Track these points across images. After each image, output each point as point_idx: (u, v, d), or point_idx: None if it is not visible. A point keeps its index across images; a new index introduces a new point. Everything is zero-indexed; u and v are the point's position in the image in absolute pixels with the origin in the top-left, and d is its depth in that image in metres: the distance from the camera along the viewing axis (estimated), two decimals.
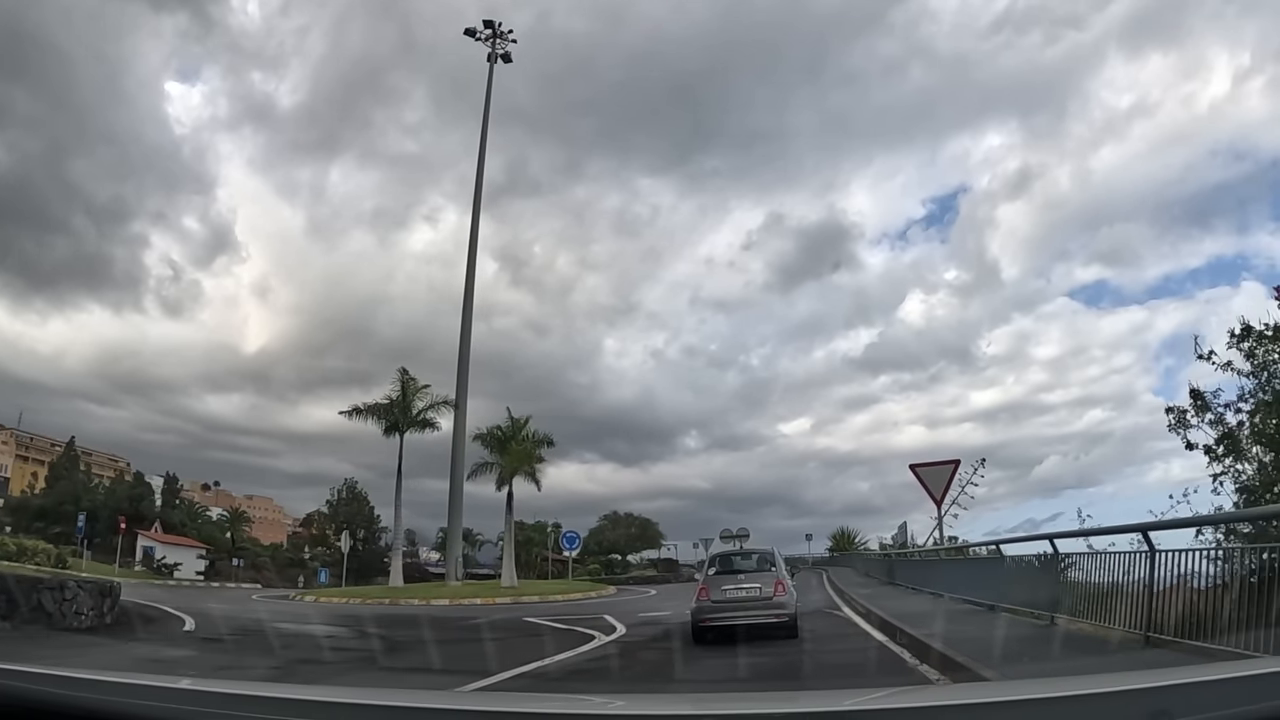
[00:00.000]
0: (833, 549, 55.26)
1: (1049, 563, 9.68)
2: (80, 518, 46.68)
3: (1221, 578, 6.78)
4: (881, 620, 11.89)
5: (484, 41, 40.42)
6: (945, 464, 17.23)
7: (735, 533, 43.56)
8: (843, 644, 10.91)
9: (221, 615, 16.69)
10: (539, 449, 36.05)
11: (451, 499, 33.20)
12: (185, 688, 1.75)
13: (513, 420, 36.06)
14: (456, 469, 32.61)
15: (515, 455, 31.83)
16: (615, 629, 13.84)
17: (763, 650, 9.36)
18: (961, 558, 16.30)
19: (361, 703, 1.73)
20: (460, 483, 32.84)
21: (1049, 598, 9.43)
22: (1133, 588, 7.62)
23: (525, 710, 1.72)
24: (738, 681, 7.71)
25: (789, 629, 10.57)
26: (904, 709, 1.55)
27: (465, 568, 63.24)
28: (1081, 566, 9.05)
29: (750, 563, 12.31)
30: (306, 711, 1.59)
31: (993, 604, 11.21)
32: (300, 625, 15.91)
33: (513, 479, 31.63)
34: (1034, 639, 8.42)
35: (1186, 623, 6.47)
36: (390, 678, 8.77)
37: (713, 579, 11.51)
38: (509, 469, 31.44)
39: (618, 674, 8.65)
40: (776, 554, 12.92)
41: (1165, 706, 1.22)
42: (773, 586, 10.84)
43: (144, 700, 1.59)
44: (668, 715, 1.74)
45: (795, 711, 1.54)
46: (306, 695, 1.76)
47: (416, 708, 1.65)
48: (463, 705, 1.93)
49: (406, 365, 35.71)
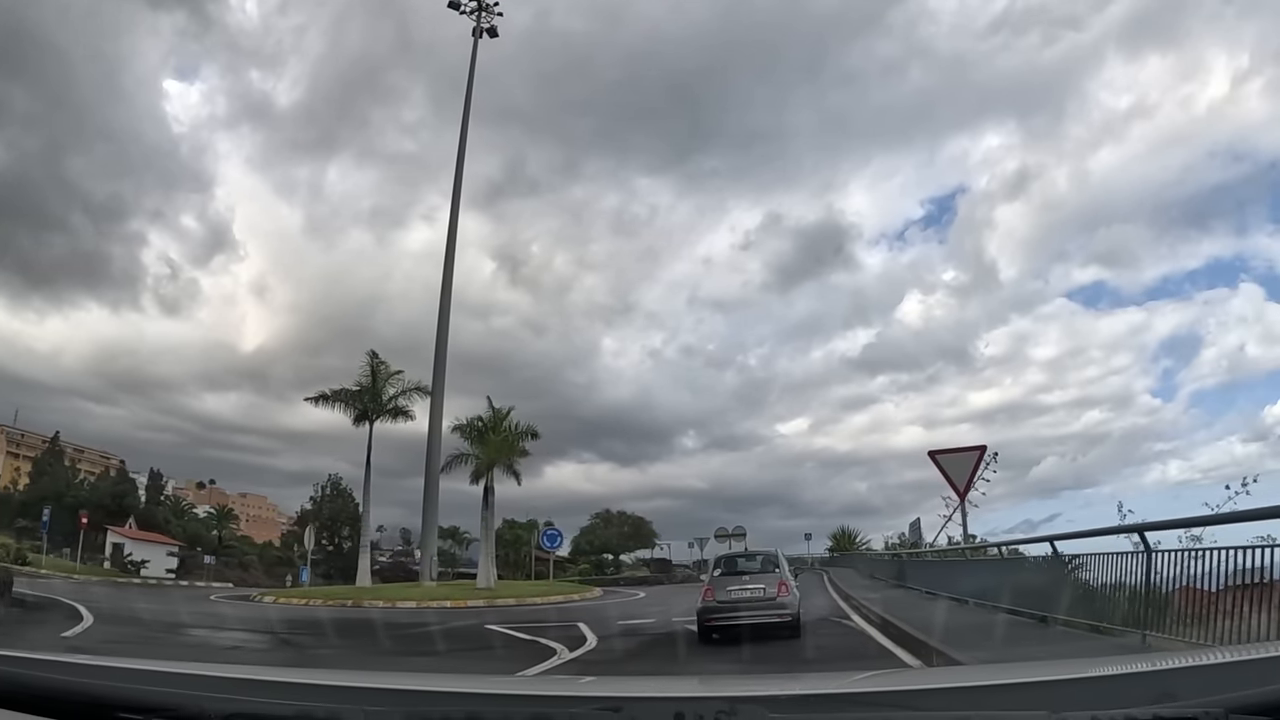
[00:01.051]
0: (833, 549, 53.12)
1: (1131, 563, 7.46)
2: (44, 512, 44.65)
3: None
4: (903, 634, 9.71)
5: (469, 15, 38.26)
6: (969, 450, 15.00)
7: (731, 531, 41.49)
8: (862, 667, 8.72)
9: (132, 615, 14.54)
10: (521, 441, 33.83)
11: (427, 492, 30.94)
12: (191, 673, 1.66)
13: (494, 410, 33.81)
14: (432, 460, 30.31)
15: (493, 446, 29.51)
16: (585, 640, 11.77)
17: (767, 664, 8.82)
18: (990, 558, 14.13)
19: (385, 688, 1.69)
20: (435, 475, 30.54)
21: (1130, 611, 7.33)
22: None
23: (516, 693, 1.73)
24: None
25: (792, 629, 10.90)
26: (907, 690, 1.56)
27: (452, 567, 61.73)
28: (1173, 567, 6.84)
29: (755, 564, 12.55)
30: (305, 695, 1.54)
31: (1044, 615, 9.07)
32: (213, 630, 13.73)
33: (490, 472, 29.23)
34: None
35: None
36: None
37: (718, 580, 11.87)
38: (486, 461, 29.08)
39: None
40: (780, 556, 13.35)
41: (1170, 689, 1.21)
42: (776, 587, 11.17)
43: (147, 685, 1.52)
44: (666, 698, 1.65)
45: (796, 694, 1.56)
46: (311, 679, 1.73)
47: (420, 691, 1.69)
48: (460, 688, 1.79)
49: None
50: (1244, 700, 1.12)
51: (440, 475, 30.49)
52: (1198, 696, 1.15)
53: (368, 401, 30.75)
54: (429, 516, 31.19)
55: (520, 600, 24.43)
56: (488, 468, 29.11)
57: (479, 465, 29.19)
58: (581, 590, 29.17)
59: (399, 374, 31.48)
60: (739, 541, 40.46)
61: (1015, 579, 10.74)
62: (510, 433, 32.73)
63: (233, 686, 1.49)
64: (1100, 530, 8.75)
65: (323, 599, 25.66)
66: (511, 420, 34.35)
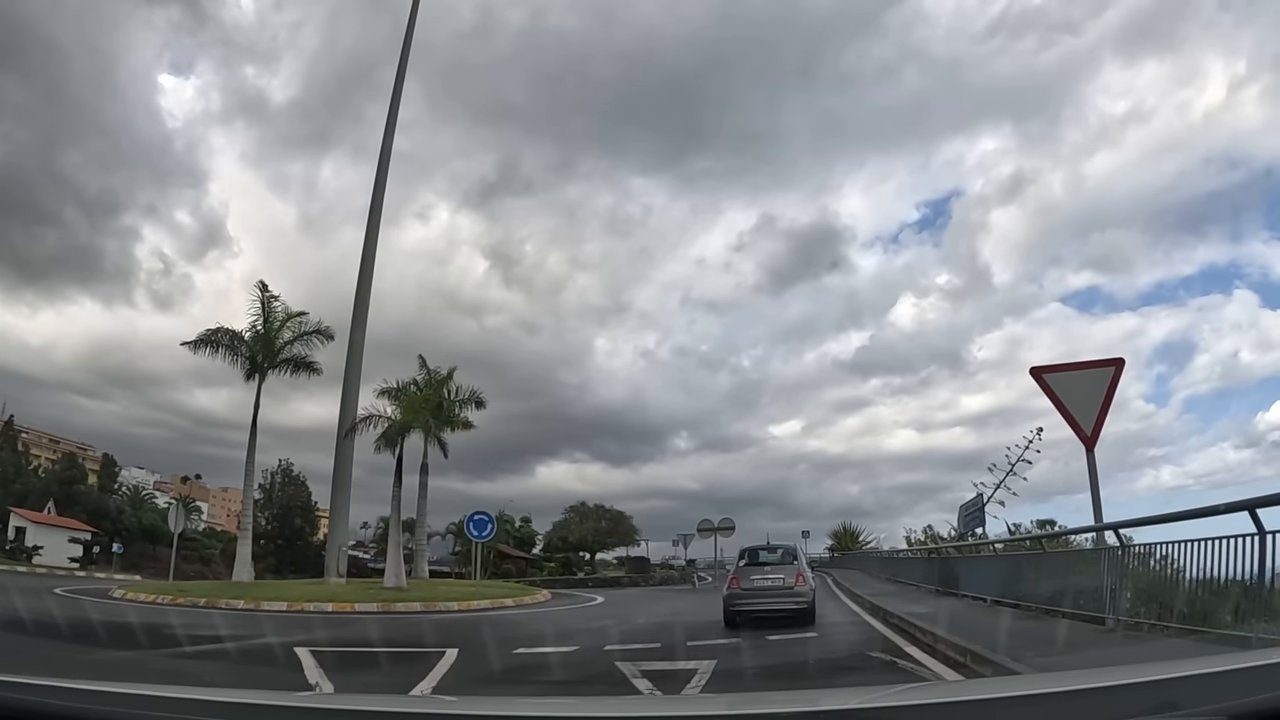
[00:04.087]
0: (834, 549, 47.12)
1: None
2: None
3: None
4: None
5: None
6: (1098, 366, 8.95)
7: (717, 525, 35.50)
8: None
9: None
10: (461, 409, 27.72)
11: (337, 466, 24.74)
12: (180, 696, 1.64)
13: (427, 370, 27.71)
14: (345, 424, 24.17)
15: (410, 405, 23.31)
16: (425, 677, 5.94)
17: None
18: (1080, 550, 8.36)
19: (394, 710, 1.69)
20: (350, 449, 24.34)
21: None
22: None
23: (530, 714, 1.78)
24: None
25: (807, 615, 11.83)
26: (913, 706, 1.54)
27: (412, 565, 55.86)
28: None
29: (775, 556, 13.49)
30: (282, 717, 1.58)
31: None
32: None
33: (404, 440, 22.91)
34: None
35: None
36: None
37: (742, 570, 12.92)
38: (398, 424, 22.86)
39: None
40: (799, 549, 15.52)
41: (1171, 698, 1.20)
42: (794, 578, 12.25)
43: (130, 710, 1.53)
44: (686, 715, 1.70)
45: (815, 710, 1.53)
46: (286, 702, 1.75)
47: (408, 712, 1.70)
48: (459, 710, 1.80)
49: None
50: (1246, 707, 1.11)
51: (353, 443, 24.29)
52: (1200, 705, 1.14)
53: (258, 348, 24.40)
54: (338, 499, 24.98)
55: (427, 605, 18.35)
56: (399, 432, 22.79)
57: (388, 429, 22.89)
58: (521, 594, 23.01)
59: (301, 316, 25.21)
60: (726, 536, 34.74)
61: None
62: (444, 397, 26.62)
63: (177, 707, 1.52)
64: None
65: (176, 595, 19.71)
66: (450, 385, 28.27)
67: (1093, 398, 8.69)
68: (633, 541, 57.41)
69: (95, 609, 13.77)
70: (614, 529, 56.83)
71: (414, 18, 31.03)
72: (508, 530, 61.42)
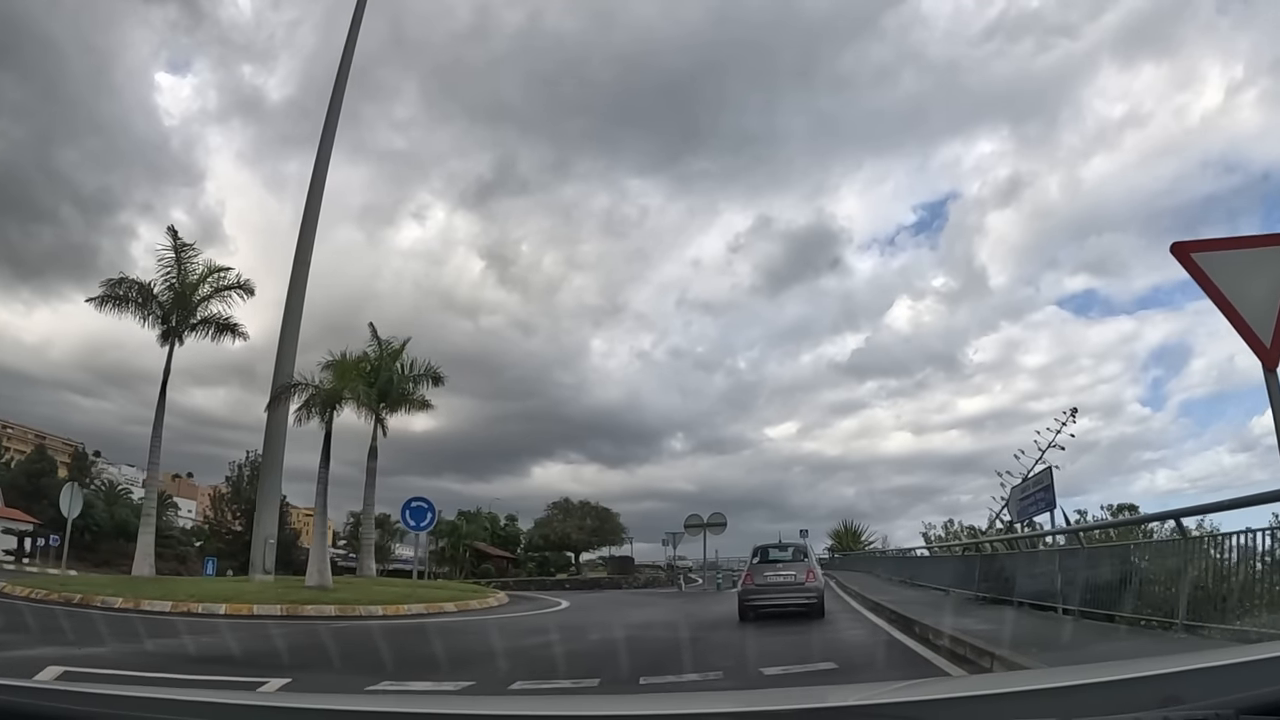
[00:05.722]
0: (834, 549, 43.80)
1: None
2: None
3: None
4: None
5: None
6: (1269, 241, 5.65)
7: (707, 521, 32.18)
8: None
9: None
10: (416, 386, 24.45)
11: (267, 443, 21.47)
12: (163, 696, 1.60)
13: (378, 341, 24.41)
14: (275, 401, 20.84)
15: (342, 372, 19.97)
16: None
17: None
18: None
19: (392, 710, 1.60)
20: (281, 423, 21.01)
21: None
22: None
23: (530, 714, 1.74)
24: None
25: (818, 609, 12.39)
26: (918, 701, 1.52)
27: (384, 563, 52.55)
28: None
29: (786, 554, 14.02)
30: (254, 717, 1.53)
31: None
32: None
33: (333, 409, 19.52)
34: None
35: None
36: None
37: (756, 566, 13.41)
38: (328, 392, 19.49)
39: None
40: (809, 547, 17.26)
41: (1176, 692, 1.19)
42: (804, 574, 12.83)
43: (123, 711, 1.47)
44: (688, 714, 1.65)
45: (820, 706, 1.52)
46: (272, 703, 1.67)
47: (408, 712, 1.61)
48: (459, 709, 1.73)
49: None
50: (1254, 700, 1.11)
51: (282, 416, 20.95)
52: (1207, 698, 1.13)
53: (170, 305, 20.97)
54: (267, 481, 21.69)
55: (343, 609, 15.03)
56: (326, 402, 19.41)
57: (310, 397, 19.48)
58: (470, 596, 19.66)
59: (223, 271, 21.77)
60: (716, 533, 31.44)
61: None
62: (396, 372, 23.32)
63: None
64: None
65: (57, 590, 16.44)
66: (404, 358, 24.97)
67: (1274, 288, 5.39)
68: (620, 540, 54.17)
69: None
70: (600, 526, 53.47)
71: (356, 25, 28.03)
72: (490, 529, 58.23)
